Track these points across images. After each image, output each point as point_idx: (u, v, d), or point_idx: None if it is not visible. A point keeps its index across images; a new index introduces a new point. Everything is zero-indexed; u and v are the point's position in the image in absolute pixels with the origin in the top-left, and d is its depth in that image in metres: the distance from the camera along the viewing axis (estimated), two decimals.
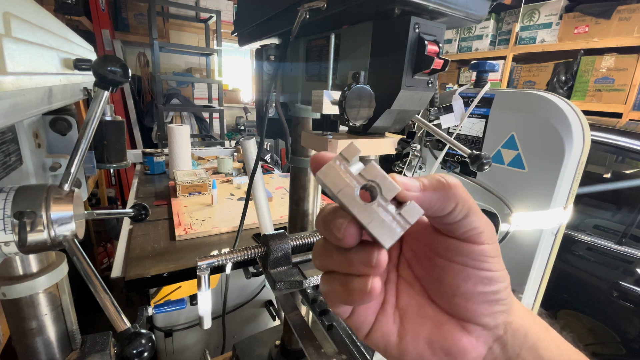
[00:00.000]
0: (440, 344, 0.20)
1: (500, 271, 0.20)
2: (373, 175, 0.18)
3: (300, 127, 0.61)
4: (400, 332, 0.21)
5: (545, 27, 2.36)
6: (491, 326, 0.20)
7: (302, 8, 0.39)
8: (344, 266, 0.19)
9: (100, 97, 0.37)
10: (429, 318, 0.21)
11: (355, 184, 0.17)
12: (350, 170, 0.18)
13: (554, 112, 0.59)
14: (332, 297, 0.20)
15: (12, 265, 0.42)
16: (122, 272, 0.83)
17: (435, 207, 0.19)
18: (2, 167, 0.41)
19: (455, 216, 0.19)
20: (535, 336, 0.20)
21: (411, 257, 0.23)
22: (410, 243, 0.23)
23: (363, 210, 0.17)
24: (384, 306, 0.22)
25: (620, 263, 1.31)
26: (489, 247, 0.20)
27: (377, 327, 0.22)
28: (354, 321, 0.22)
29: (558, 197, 0.60)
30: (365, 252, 0.18)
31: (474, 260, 0.19)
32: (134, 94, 2.87)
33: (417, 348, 0.21)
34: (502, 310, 0.20)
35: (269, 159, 2.59)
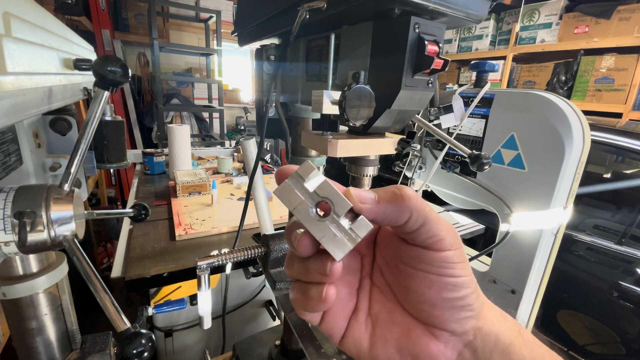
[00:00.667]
0: (409, 349, 0.21)
1: (466, 277, 0.20)
2: (326, 192, 0.19)
3: (300, 127, 0.61)
4: (372, 338, 0.22)
5: (545, 27, 2.36)
6: (459, 332, 0.20)
7: (302, 8, 0.39)
8: (304, 274, 0.21)
9: (100, 97, 0.37)
10: (398, 324, 0.21)
11: (309, 201, 0.19)
12: (307, 188, 0.19)
13: (554, 112, 0.58)
14: (296, 304, 0.21)
15: (12, 265, 0.42)
16: (122, 272, 0.83)
17: (390, 218, 0.19)
18: (2, 167, 0.41)
19: (411, 225, 0.19)
20: (507, 340, 0.20)
21: (383, 265, 0.23)
22: (381, 251, 0.24)
23: (316, 225, 0.18)
24: (356, 313, 0.23)
25: (620, 263, 1.31)
26: (451, 253, 0.20)
27: (349, 334, 0.22)
28: (325, 327, 0.23)
29: (558, 197, 0.60)
30: (321, 261, 0.19)
31: (437, 267, 0.20)
32: (134, 94, 2.87)
33: (387, 354, 0.21)
34: (469, 316, 0.20)
35: (269, 159, 2.59)
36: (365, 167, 0.45)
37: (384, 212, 0.19)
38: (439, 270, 0.20)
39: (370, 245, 0.24)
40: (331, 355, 0.59)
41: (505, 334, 0.20)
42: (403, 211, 0.19)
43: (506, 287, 0.69)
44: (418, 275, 0.20)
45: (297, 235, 0.19)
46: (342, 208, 0.18)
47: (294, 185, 0.19)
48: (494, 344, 0.20)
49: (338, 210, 0.18)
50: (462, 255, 0.20)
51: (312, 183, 0.19)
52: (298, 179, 0.19)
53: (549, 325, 1.49)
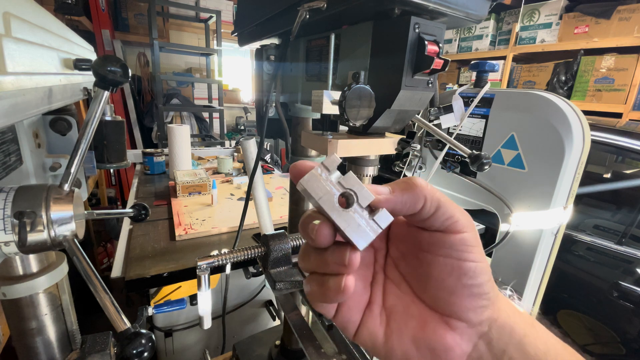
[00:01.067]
0: (425, 341, 0.21)
1: (482, 262, 0.20)
2: (351, 184, 0.19)
3: (300, 127, 0.61)
4: (387, 331, 0.22)
5: (545, 27, 2.36)
6: (475, 322, 0.20)
7: (302, 8, 0.39)
8: (321, 266, 0.21)
9: (100, 97, 0.37)
10: (414, 317, 0.22)
11: (334, 191, 0.19)
12: (331, 179, 0.20)
13: (554, 112, 0.58)
14: (312, 296, 0.22)
15: (12, 265, 0.42)
16: (122, 272, 0.83)
17: (407, 207, 0.20)
18: (2, 167, 0.41)
19: (428, 210, 0.20)
20: (521, 332, 0.20)
21: (398, 257, 0.24)
22: (397, 244, 0.24)
23: (341, 215, 0.19)
24: (371, 306, 0.23)
25: (620, 263, 1.31)
26: (467, 235, 0.20)
27: (363, 327, 0.22)
28: (340, 320, 0.23)
29: (558, 197, 0.60)
30: (340, 252, 0.20)
31: (456, 251, 0.20)
32: (134, 94, 2.87)
33: (403, 346, 0.21)
34: (485, 305, 0.20)
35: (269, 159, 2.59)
36: (365, 167, 0.45)
37: (401, 201, 0.20)
38: (458, 254, 0.20)
39: (383, 239, 0.24)
40: (331, 355, 0.59)
41: (520, 325, 0.20)
42: (418, 198, 0.19)
43: (506, 287, 0.69)
44: (438, 261, 0.21)
45: (315, 226, 0.19)
46: (366, 200, 0.19)
47: (320, 175, 0.19)
48: (509, 335, 0.20)
49: (362, 202, 0.19)
50: (477, 238, 0.21)
51: (337, 174, 0.20)
52: (324, 169, 0.19)
53: (549, 325, 1.48)
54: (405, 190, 0.20)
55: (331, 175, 0.20)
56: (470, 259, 0.20)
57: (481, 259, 0.20)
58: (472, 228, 0.21)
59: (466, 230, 0.20)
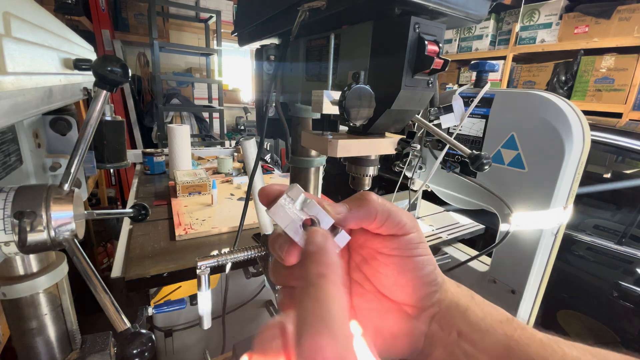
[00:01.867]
0: (388, 329, 0.24)
1: (428, 255, 0.24)
2: (313, 211, 0.23)
3: (300, 127, 0.61)
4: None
5: (545, 27, 2.36)
6: (428, 306, 0.24)
7: (302, 8, 0.39)
8: (290, 280, 0.24)
9: (100, 97, 0.37)
10: (376, 310, 0.25)
11: (298, 219, 0.22)
12: (295, 207, 0.22)
13: (554, 112, 0.58)
14: (282, 306, 0.25)
15: (12, 265, 0.42)
16: (122, 272, 0.83)
17: (363, 221, 0.24)
18: (2, 167, 0.41)
19: (380, 220, 0.23)
20: (464, 306, 0.24)
21: (360, 261, 0.27)
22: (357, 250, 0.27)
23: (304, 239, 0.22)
24: None
25: (620, 263, 1.31)
26: (414, 235, 0.24)
27: None
28: None
29: (558, 197, 0.60)
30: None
31: (406, 249, 0.24)
32: (134, 94, 2.87)
33: (369, 337, 0.24)
34: (435, 290, 0.24)
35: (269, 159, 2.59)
36: (365, 167, 0.45)
37: (357, 217, 0.23)
38: (409, 252, 0.24)
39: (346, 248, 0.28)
40: None
41: (462, 300, 0.24)
42: (371, 212, 0.23)
43: (506, 287, 0.69)
44: (392, 260, 0.24)
45: (284, 247, 0.22)
46: (327, 224, 0.23)
47: (285, 205, 0.22)
48: (454, 310, 0.23)
49: (323, 225, 0.22)
50: (421, 236, 0.25)
51: (301, 200, 0.23)
52: (288, 200, 0.22)
53: (549, 325, 1.49)
54: (360, 207, 0.23)
55: (296, 203, 0.22)
56: (418, 253, 0.24)
57: (427, 252, 0.24)
58: (417, 228, 0.25)
59: (412, 230, 0.24)
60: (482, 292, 0.75)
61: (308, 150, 0.62)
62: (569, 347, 0.21)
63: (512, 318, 0.23)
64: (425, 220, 1.09)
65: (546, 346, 0.21)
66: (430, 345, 0.23)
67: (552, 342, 0.21)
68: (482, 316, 0.23)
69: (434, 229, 1.00)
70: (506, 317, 0.23)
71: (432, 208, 1.21)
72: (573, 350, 0.21)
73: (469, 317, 0.23)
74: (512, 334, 0.22)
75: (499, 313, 0.23)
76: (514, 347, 0.21)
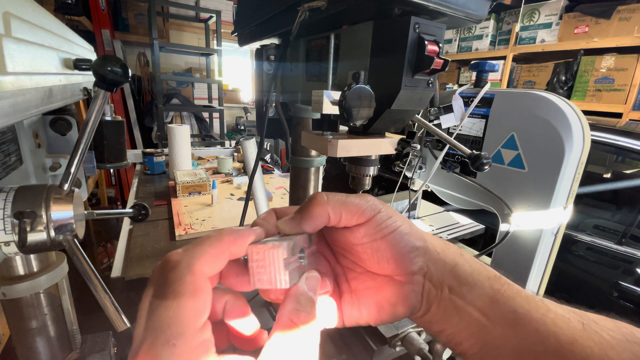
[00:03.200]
0: (386, 301, 0.25)
1: (401, 226, 0.25)
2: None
3: (300, 127, 0.61)
4: (360, 308, 0.27)
5: (545, 27, 2.36)
6: (416, 270, 0.24)
7: (302, 8, 0.39)
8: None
9: (100, 97, 0.37)
10: (372, 287, 0.26)
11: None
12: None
13: (554, 112, 0.58)
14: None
15: (12, 265, 0.42)
16: (122, 272, 0.83)
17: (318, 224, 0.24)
18: (2, 167, 0.41)
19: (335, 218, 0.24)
20: (452, 262, 0.24)
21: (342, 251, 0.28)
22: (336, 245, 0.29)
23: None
24: (344, 296, 0.28)
25: (620, 263, 1.31)
26: (379, 216, 0.25)
27: (346, 317, 0.27)
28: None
29: (558, 197, 0.60)
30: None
31: (376, 232, 0.24)
32: (134, 94, 2.87)
33: (371, 313, 0.26)
34: (419, 255, 0.25)
35: (269, 159, 2.59)
36: (365, 167, 0.45)
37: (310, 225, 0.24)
38: (379, 234, 0.24)
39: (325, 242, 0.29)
40: (331, 355, 0.59)
41: (450, 257, 0.25)
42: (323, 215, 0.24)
43: None
44: (366, 246, 0.25)
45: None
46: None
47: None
48: (442, 267, 0.24)
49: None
50: (389, 211, 0.25)
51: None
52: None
53: None
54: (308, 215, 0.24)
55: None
56: (389, 231, 0.24)
57: (398, 224, 0.25)
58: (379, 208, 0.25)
59: (374, 213, 0.25)
60: None
61: (308, 150, 0.62)
62: (554, 305, 0.22)
63: (500, 275, 0.24)
64: (425, 220, 1.09)
65: (530, 300, 0.22)
66: (426, 302, 0.25)
67: (536, 299, 0.22)
68: (470, 271, 0.24)
69: (434, 229, 1.00)
70: (494, 274, 0.24)
71: (432, 208, 1.21)
72: (558, 308, 0.22)
73: (458, 273, 0.24)
74: (499, 288, 0.23)
75: (487, 270, 0.24)
76: (499, 299, 0.22)
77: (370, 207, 0.25)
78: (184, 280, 0.19)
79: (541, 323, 0.21)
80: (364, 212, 0.24)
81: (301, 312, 0.21)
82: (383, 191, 2.35)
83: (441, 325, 0.24)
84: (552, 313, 0.21)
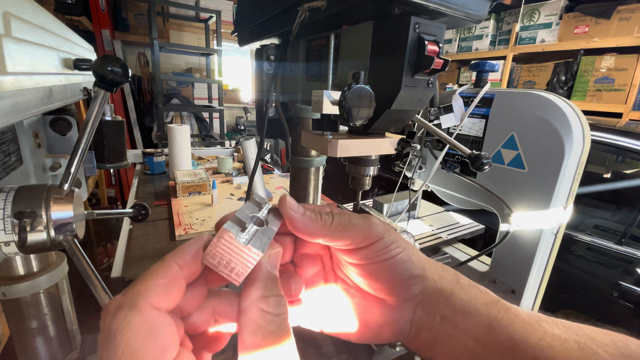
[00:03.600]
0: (374, 320, 0.25)
1: (402, 252, 0.24)
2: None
3: (300, 127, 0.61)
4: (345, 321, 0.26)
5: (545, 27, 2.36)
6: (410, 297, 0.24)
7: (302, 8, 0.39)
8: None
9: (100, 97, 0.37)
10: (361, 304, 0.26)
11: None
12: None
13: (554, 112, 0.58)
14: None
15: (12, 265, 0.42)
16: (122, 272, 0.83)
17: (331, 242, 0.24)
18: (2, 167, 0.41)
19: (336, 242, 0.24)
20: (448, 291, 0.24)
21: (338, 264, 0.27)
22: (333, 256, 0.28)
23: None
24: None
25: (620, 263, 1.31)
26: (381, 242, 0.24)
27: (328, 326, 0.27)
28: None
29: (558, 197, 0.60)
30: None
31: (376, 256, 0.24)
32: (134, 94, 2.87)
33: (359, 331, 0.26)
34: (415, 282, 0.24)
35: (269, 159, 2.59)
36: (365, 167, 0.45)
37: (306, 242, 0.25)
38: (378, 258, 0.24)
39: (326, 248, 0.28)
40: (331, 355, 0.59)
41: (446, 285, 0.24)
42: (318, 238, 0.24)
43: (506, 287, 0.69)
44: (363, 268, 0.24)
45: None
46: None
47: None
48: (438, 296, 0.24)
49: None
50: (393, 236, 0.24)
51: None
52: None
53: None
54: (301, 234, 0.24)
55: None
56: (390, 256, 0.24)
57: (400, 250, 0.24)
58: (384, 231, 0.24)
59: (380, 236, 0.24)
60: None
61: (308, 150, 0.62)
62: (550, 325, 0.22)
63: (498, 299, 0.23)
64: (425, 220, 1.09)
65: (527, 325, 0.21)
66: (415, 329, 0.24)
67: (533, 321, 0.22)
68: (467, 299, 0.23)
69: (434, 229, 1.00)
70: (492, 299, 0.23)
71: (432, 208, 1.20)
72: (555, 329, 0.21)
73: (453, 302, 0.23)
74: (495, 315, 0.22)
75: (485, 295, 0.24)
76: (496, 327, 0.22)
77: (374, 232, 0.24)
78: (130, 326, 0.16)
79: (538, 349, 0.20)
80: (367, 237, 0.24)
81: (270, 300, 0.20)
82: (383, 191, 2.35)
83: (431, 351, 0.24)
84: (549, 336, 0.21)
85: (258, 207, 0.25)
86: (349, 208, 0.53)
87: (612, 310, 1.31)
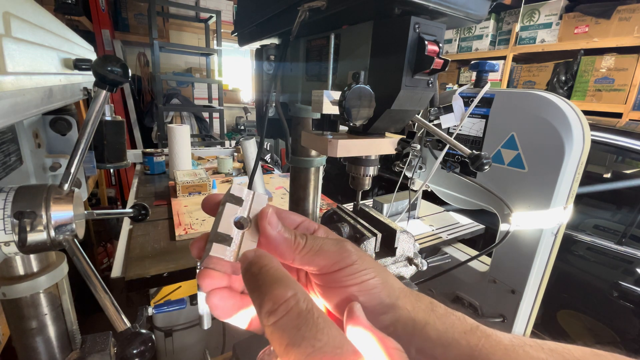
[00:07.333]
0: None
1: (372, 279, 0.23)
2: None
3: (300, 127, 0.61)
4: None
5: (545, 27, 2.36)
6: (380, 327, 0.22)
7: (302, 8, 0.39)
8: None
9: (100, 97, 0.37)
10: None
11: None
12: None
13: (554, 112, 0.58)
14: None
15: (12, 265, 0.42)
16: (122, 272, 0.83)
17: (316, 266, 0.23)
18: (2, 167, 0.41)
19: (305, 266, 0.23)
20: (422, 322, 0.23)
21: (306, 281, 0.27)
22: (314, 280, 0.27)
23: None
24: None
25: (620, 263, 1.31)
26: (354, 267, 0.23)
27: None
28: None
29: (558, 197, 0.60)
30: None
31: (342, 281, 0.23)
32: (134, 94, 2.87)
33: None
34: (386, 312, 0.23)
35: (269, 159, 2.59)
36: (365, 167, 0.45)
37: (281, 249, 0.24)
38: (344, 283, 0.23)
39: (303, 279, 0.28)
40: None
41: (420, 315, 0.23)
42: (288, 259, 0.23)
43: (506, 287, 0.69)
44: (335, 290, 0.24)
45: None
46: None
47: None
48: (412, 328, 0.22)
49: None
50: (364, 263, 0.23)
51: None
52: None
53: (549, 325, 1.49)
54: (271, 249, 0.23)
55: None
56: (360, 280, 0.23)
57: (372, 275, 0.23)
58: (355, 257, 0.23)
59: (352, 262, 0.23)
60: (482, 292, 0.75)
61: (308, 150, 0.62)
62: (535, 350, 0.21)
63: (477, 326, 0.22)
64: (425, 220, 1.09)
65: (510, 352, 0.20)
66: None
67: (517, 347, 0.21)
68: (444, 329, 0.22)
69: (434, 229, 1.00)
70: (470, 326, 0.22)
71: (432, 208, 1.21)
72: (540, 353, 0.20)
73: (428, 333, 0.22)
74: (476, 344, 0.21)
75: (462, 323, 0.23)
76: (477, 356, 0.21)
77: (344, 259, 0.23)
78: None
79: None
80: (336, 263, 0.23)
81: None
82: (383, 191, 2.35)
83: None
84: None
85: (239, 204, 0.24)
86: (349, 208, 0.54)
87: (612, 310, 1.31)
